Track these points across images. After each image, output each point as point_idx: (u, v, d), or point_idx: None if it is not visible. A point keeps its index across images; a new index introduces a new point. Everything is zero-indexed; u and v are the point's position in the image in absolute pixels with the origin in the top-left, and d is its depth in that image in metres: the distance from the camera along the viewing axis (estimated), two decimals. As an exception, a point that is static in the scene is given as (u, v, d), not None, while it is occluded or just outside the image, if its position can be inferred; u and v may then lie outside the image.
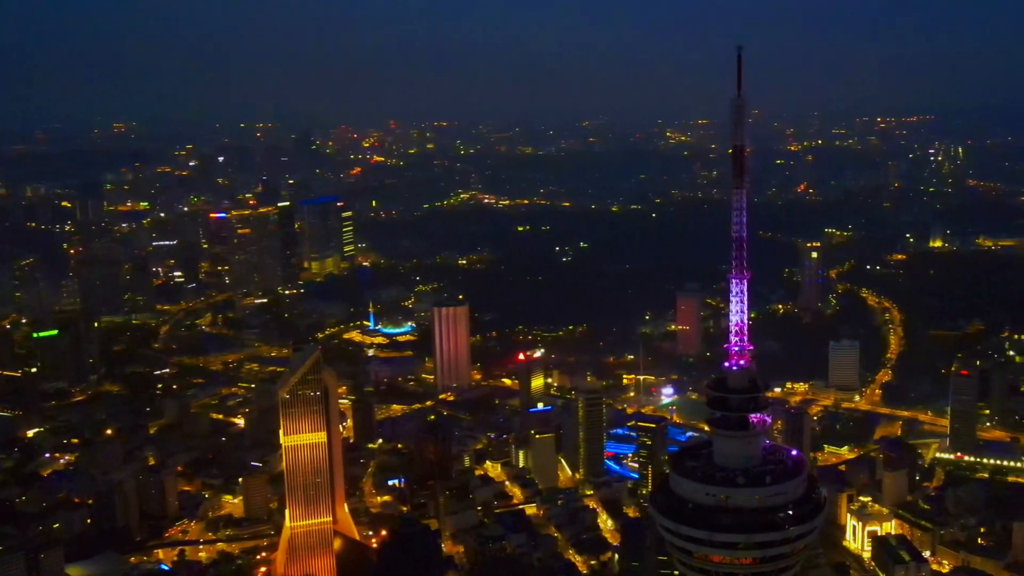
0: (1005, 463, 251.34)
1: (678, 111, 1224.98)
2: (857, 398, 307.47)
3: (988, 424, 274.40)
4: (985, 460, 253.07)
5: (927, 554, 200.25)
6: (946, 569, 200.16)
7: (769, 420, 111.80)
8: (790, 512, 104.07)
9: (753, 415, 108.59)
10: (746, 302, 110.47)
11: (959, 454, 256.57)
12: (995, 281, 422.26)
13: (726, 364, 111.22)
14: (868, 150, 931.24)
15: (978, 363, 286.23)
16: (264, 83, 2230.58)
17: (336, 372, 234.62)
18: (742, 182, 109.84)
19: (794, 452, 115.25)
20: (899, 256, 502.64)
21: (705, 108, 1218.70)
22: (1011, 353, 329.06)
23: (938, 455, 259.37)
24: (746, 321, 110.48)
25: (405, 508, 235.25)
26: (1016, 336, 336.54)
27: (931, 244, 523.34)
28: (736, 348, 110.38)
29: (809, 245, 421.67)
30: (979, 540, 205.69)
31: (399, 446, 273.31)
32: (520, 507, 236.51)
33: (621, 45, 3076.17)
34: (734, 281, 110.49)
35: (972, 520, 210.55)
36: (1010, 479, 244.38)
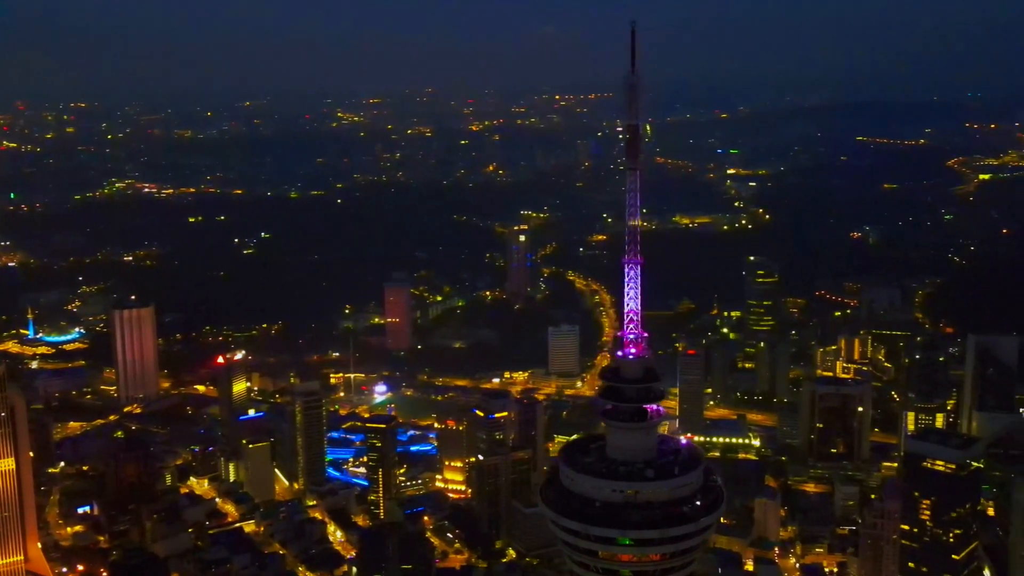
0: (734, 440, 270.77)
1: (348, 91, 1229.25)
2: (579, 384, 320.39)
3: (711, 402, 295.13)
4: (715, 439, 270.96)
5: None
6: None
7: (664, 411, 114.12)
8: (698, 503, 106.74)
9: (650, 405, 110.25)
10: (639, 288, 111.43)
11: (689, 435, 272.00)
12: (697, 259, 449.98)
13: (620, 353, 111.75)
14: (552, 128, 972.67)
15: (704, 342, 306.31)
16: None
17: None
18: (636, 163, 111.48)
19: (684, 441, 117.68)
20: (600, 236, 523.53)
21: (376, 87, 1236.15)
22: (724, 330, 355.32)
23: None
24: (639, 308, 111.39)
25: (102, 538, 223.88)
26: (726, 313, 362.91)
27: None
28: (631, 336, 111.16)
29: (516, 228, 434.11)
30: (721, 520, 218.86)
31: (85, 468, 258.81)
32: (237, 525, 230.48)
33: (277, 22, 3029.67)
34: (628, 266, 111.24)
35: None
36: (741, 456, 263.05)
